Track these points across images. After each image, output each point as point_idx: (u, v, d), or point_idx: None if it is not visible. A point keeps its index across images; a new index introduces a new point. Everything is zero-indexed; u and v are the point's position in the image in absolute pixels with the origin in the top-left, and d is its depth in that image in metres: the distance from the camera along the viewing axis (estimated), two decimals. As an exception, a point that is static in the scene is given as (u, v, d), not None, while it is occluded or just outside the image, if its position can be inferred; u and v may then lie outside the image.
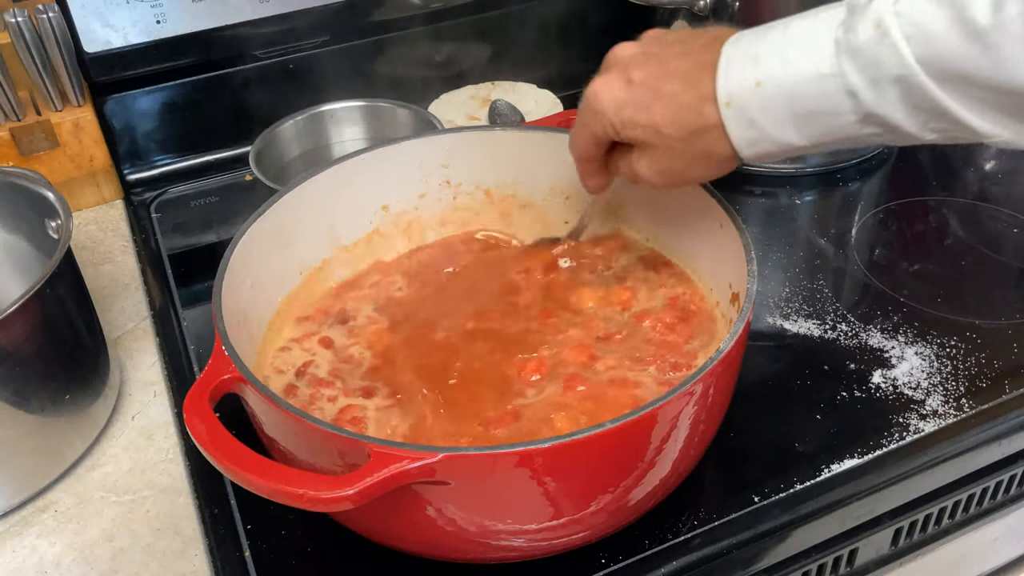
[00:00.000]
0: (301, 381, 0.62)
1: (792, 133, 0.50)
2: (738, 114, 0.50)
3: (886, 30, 0.45)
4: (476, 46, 1.05)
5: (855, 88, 0.47)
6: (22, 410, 0.62)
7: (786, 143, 0.50)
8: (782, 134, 0.50)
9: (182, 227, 0.91)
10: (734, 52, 0.51)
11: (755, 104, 0.49)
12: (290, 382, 0.62)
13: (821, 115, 0.49)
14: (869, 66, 0.46)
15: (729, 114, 0.50)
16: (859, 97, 0.47)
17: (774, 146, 0.51)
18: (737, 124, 0.50)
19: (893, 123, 0.47)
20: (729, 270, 0.61)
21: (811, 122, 0.49)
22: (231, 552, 0.58)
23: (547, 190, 0.75)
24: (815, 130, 0.49)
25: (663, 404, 0.48)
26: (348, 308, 0.69)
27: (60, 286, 0.64)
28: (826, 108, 0.48)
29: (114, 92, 0.92)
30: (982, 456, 0.66)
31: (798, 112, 0.49)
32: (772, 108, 0.49)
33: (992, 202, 0.88)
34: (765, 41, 0.50)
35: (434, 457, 0.45)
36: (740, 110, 0.50)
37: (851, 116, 0.48)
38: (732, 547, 0.58)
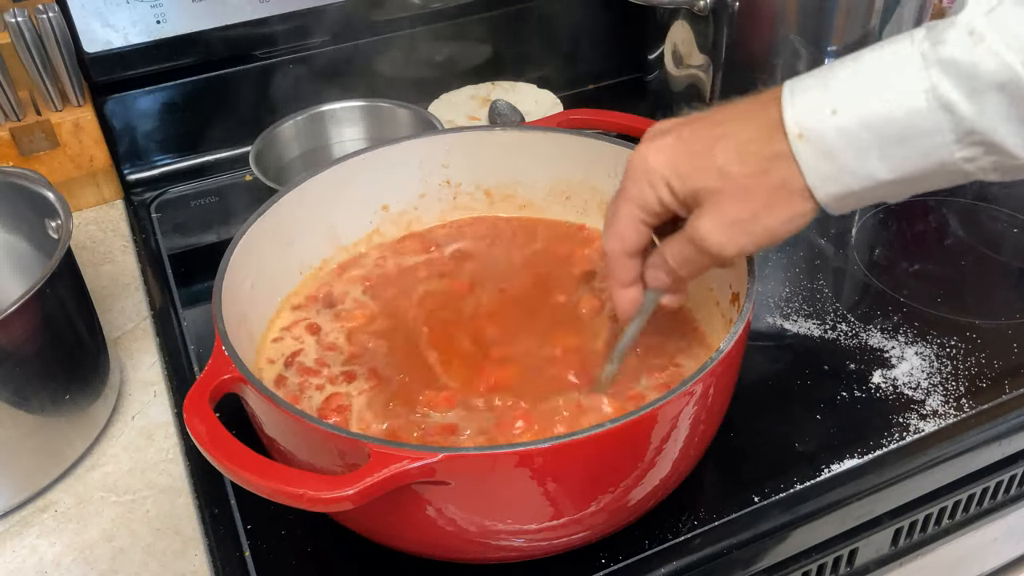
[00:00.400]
0: (290, 371, 0.63)
1: (877, 165, 0.44)
2: (813, 146, 0.44)
3: (981, 36, 0.41)
4: (476, 46, 1.05)
5: (951, 101, 0.42)
6: (22, 410, 0.62)
7: (869, 176, 0.45)
8: (865, 166, 0.44)
9: (182, 227, 0.91)
10: (799, 87, 0.46)
11: (832, 133, 0.44)
12: (279, 373, 0.62)
13: (913, 138, 0.43)
14: (966, 76, 0.41)
15: (803, 148, 0.45)
16: (957, 111, 0.42)
17: (856, 181, 0.45)
18: (812, 158, 0.45)
19: (995, 141, 0.42)
20: (729, 270, 0.61)
21: (900, 148, 0.44)
22: (231, 552, 0.58)
23: (547, 190, 0.75)
24: (905, 158, 0.44)
25: (663, 404, 0.48)
26: (336, 292, 0.69)
27: (60, 286, 0.64)
28: (919, 129, 0.43)
29: (114, 92, 0.92)
30: (982, 456, 0.66)
31: (885, 137, 0.43)
32: (852, 136, 0.44)
33: (992, 202, 0.88)
34: (835, 72, 0.45)
35: (434, 457, 0.45)
36: (815, 142, 0.44)
37: (948, 135, 0.43)
38: (732, 547, 0.58)
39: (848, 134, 0.44)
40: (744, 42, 0.86)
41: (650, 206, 0.50)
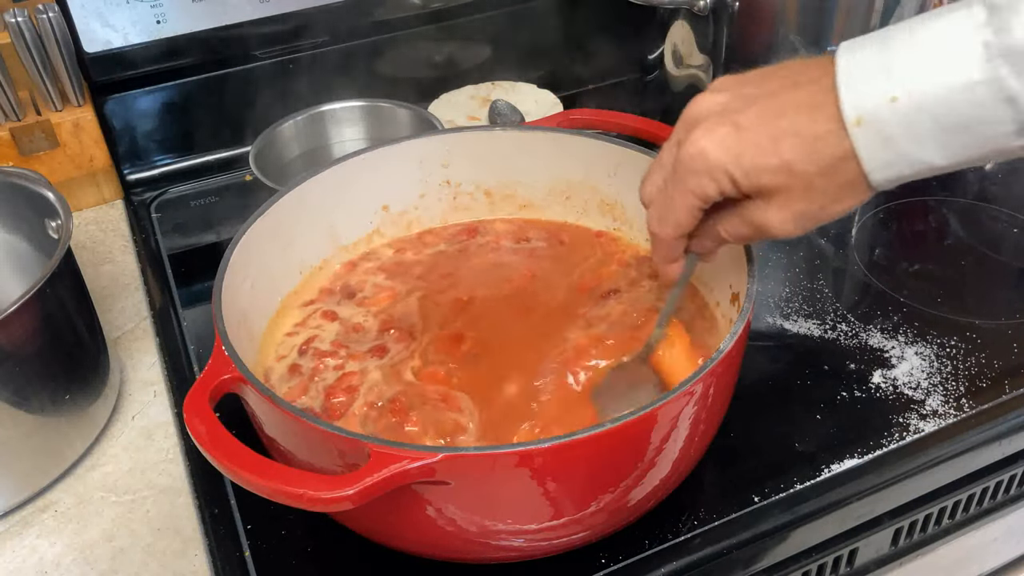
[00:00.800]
0: (304, 358, 0.63)
1: (933, 151, 0.44)
2: (871, 133, 0.44)
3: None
4: (476, 46, 1.05)
5: (1015, 94, 0.42)
6: (22, 410, 0.62)
7: (924, 163, 0.45)
8: (922, 152, 0.45)
9: (182, 227, 0.91)
10: (854, 66, 0.45)
11: (893, 121, 0.44)
12: (293, 362, 0.63)
13: (972, 128, 0.43)
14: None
15: (860, 133, 0.45)
16: (1020, 103, 0.42)
17: (910, 167, 0.45)
18: (870, 144, 0.45)
19: None
20: (729, 270, 0.61)
21: (959, 137, 0.44)
22: (231, 552, 0.58)
23: (547, 190, 0.75)
24: (962, 146, 0.44)
25: (663, 404, 0.48)
26: (353, 283, 0.70)
27: (60, 286, 0.64)
28: (979, 119, 0.43)
29: (114, 92, 0.92)
30: (982, 456, 0.66)
31: (945, 126, 0.43)
32: (913, 124, 0.44)
33: (992, 202, 0.88)
34: (892, 50, 0.44)
35: (434, 457, 0.45)
36: (874, 129, 0.44)
37: (1009, 126, 0.43)
38: (732, 547, 0.58)
39: (907, 121, 0.44)
40: (744, 42, 0.86)
41: (710, 198, 0.50)
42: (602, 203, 0.73)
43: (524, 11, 1.04)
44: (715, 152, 0.48)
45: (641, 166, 0.68)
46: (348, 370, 0.62)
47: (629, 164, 0.69)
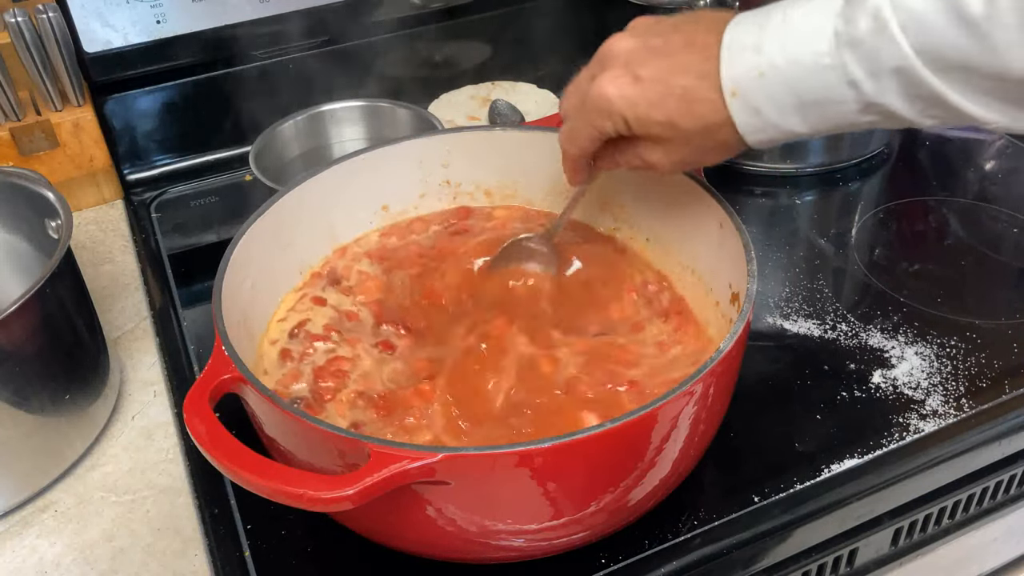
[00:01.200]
0: (294, 341, 0.64)
1: (796, 121, 0.51)
2: (743, 103, 0.51)
3: (884, 22, 0.46)
4: (476, 46, 1.05)
5: (856, 79, 0.48)
6: (22, 410, 0.62)
7: (789, 130, 0.51)
8: (786, 122, 0.51)
9: (182, 227, 0.91)
10: (735, 40, 0.51)
11: (760, 94, 0.50)
12: (283, 347, 0.63)
13: (823, 104, 0.50)
14: (868, 58, 0.47)
15: (735, 103, 0.51)
16: (860, 88, 0.48)
17: (778, 133, 0.52)
18: (742, 112, 0.51)
19: (892, 111, 0.48)
20: (729, 270, 0.61)
21: (814, 111, 0.50)
22: (231, 552, 0.58)
23: (547, 190, 0.75)
24: (818, 118, 0.50)
25: (663, 404, 0.48)
26: (339, 268, 0.70)
27: (60, 286, 0.64)
28: (828, 98, 0.49)
29: (114, 92, 0.92)
30: (982, 456, 0.66)
31: (803, 101, 0.50)
32: (776, 98, 0.50)
33: (992, 202, 0.88)
34: (766, 30, 0.50)
35: (434, 457, 0.45)
36: (745, 99, 0.51)
37: (852, 105, 0.49)
38: (732, 547, 0.58)
39: (771, 96, 0.50)
40: (744, 42, 0.86)
41: (607, 134, 0.57)
42: (602, 203, 0.73)
43: (524, 11, 1.04)
44: (615, 99, 0.55)
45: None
46: (339, 354, 0.63)
47: (629, 164, 0.69)
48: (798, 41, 0.49)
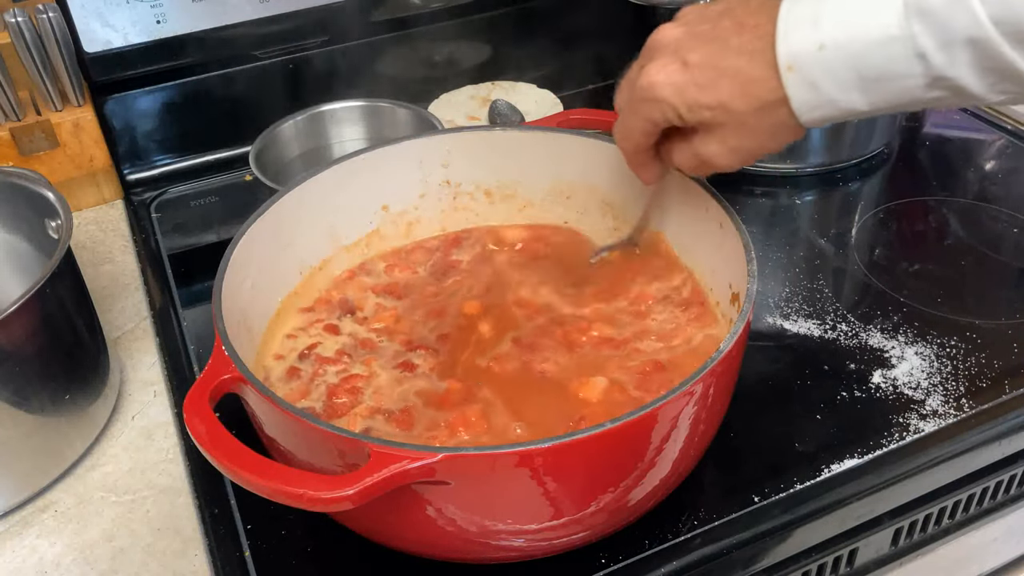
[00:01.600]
0: (304, 362, 0.63)
1: (856, 97, 0.48)
2: (800, 78, 0.49)
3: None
4: (476, 46, 1.05)
5: (925, 51, 0.45)
6: (22, 410, 0.62)
7: (849, 108, 0.49)
8: (845, 98, 0.49)
9: (182, 227, 0.91)
10: (792, 16, 0.49)
11: (818, 68, 0.48)
12: (292, 365, 0.63)
13: (888, 79, 0.47)
14: (940, 27, 0.45)
15: (791, 78, 0.49)
16: (929, 60, 0.46)
17: (836, 110, 0.50)
18: (799, 88, 0.49)
19: (961, 86, 0.46)
20: (729, 270, 0.61)
21: (876, 86, 0.48)
22: (231, 552, 0.58)
23: (547, 190, 0.75)
24: (880, 94, 0.48)
25: (663, 404, 0.48)
26: (351, 298, 0.70)
27: (60, 286, 0.64)
28: (893, 72, 0.47)
29: (114, 92, 0.92)
30: (982, 456, 0.66)
31: (864, 76, 0.47)
32: (836, 72, 0.48)
33: (992, 202, 0.88)
34: (824, 3, 0.48)
35: (434, 457, 0.45)
36: (802, 74, 0.48)
37: (920, 79, 0.47)
38: (732, 547, 0.58)
39: (831, 69, 0.48)
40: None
41: (658, 124, 0.56)
42: (602, 203, 0.73)
43: (524, 11, 1.04)
44: (663, 86, 0.53)
45: (641, 166, 0.68)
46: (353, 372, 0.62)
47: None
48: (862, 12, 0.47)
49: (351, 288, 0.71)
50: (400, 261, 0.73)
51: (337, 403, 0.60)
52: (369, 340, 0.66)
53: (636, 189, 0.70)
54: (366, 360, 0.64)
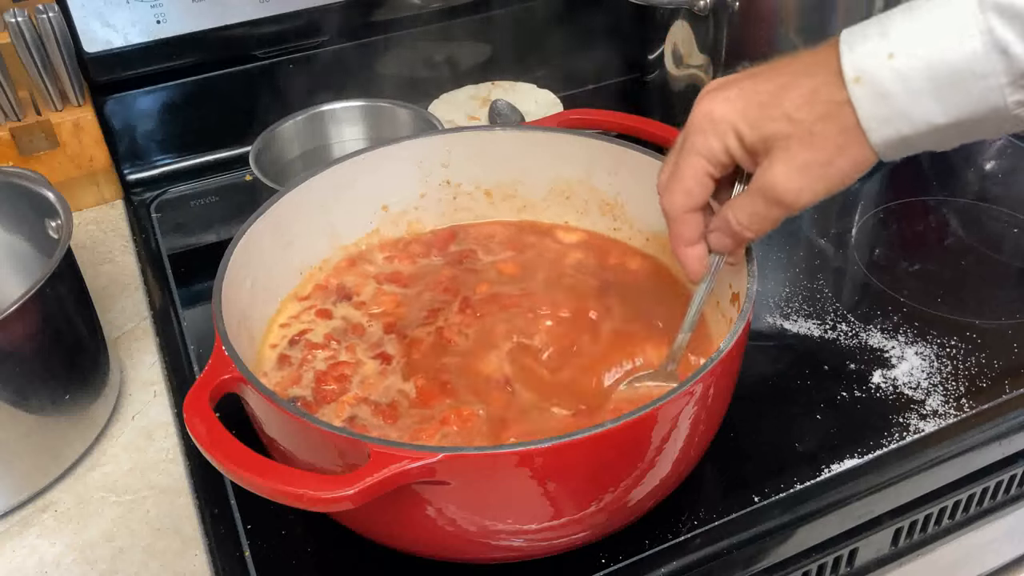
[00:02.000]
0: (294, 349, 0.64)
1: (931, 107, 0.45)
2: (869, 89, 0.45)
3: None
4: (476, 46, 1.05)
5: (1007, 43, 0.42)
6: (22, 410, 0.62)
7: (924, 120, 0.45)
8: (919, 108, 0.45)
9: (182, 227, 0.91)
10: (857, 30, 0.47)
11: (889, 77, 0.45)
12: (282, 352, 0.64)
13: (967, 80, 0.44)
14: (1021, 17, 0.42)
15: (858, 90, 0.45)
16: (1011, 52, 0.43)
17: (909, 125, 0.45)
18: (867, 100, 0.45)
19: None
20: (729, 270, 0.61)
21: (954, 91, 0.44)
22: (231, 552, 0.58)
23: (547, 190, 0.75)
24: (959, 101, 0.44)
25: (663, 404, 0.48)
26: (348, 284, 0.70)
27: (60, 286, 0.64)
28: (973, 71, 0.43)
29: (114, 92, 0.92)
30: (982, 456, 0.66)
31: (939, 78, 0.44)
32: (908, 78, 0.44)
33: (992, 202, 0.88)
34: (890, 18, 0.46)
35: (434, 457, 0.45)
36: (872, 84, 0.45)
37: (1002, 78, 0.43)
38: (732, 547, 0.58)
39: (903, 76, 0.45)
40: (744, 42, 0.86)
41: (717, 157, 0.50)
42: (602, 203, 0.73)
43: (524, 11, 1.04)
44: (720, 109, 0.49)
45: (641, 166, 0.68)
46: (341, 359, 0.63)
47: (629, 164, 0.69)
48: (932, 18, 0.44)
49: (351, 275, 0.71)
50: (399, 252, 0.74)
51: (326, 390, 0.60)
52: (360, 325, 0.66)
53: (635, 189, 0.70)
54: (352, 348, 0.64)
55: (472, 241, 0.74)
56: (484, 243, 0.74)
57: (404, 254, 0.73)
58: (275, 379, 0.62)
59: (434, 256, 0.73)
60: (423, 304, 0.68)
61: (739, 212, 0.52)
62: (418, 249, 0.74)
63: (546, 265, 0.71)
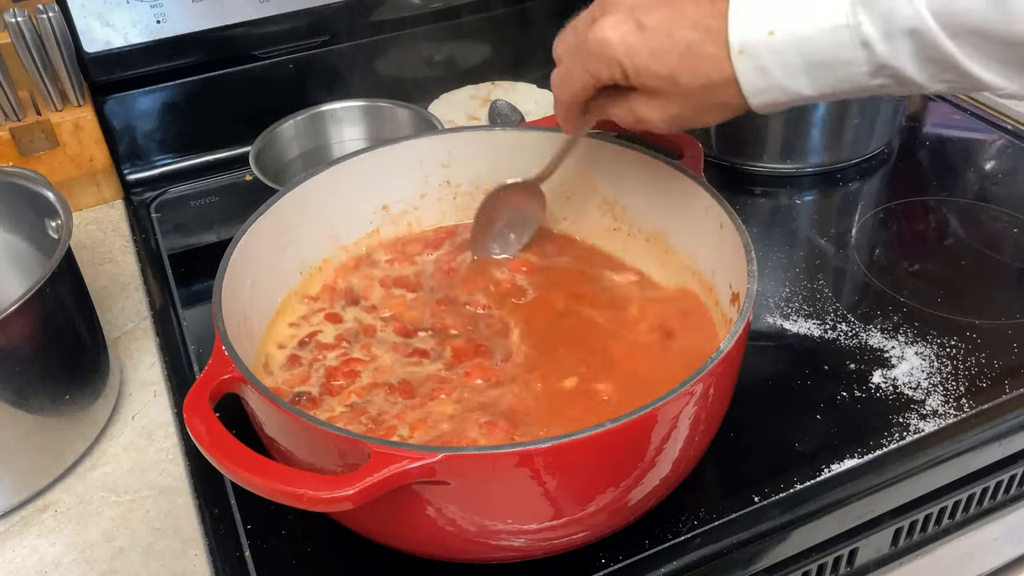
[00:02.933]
0: (304, 350, 0.64)
1: (804, 83, 0.49)
2: (750, 62, 0.49)
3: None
4: (476, 46, 1.05)
5: (869, 39, 0.47)
6: (22, 410, 0.62)
7: (796, 92, 0.50)
8: (793, 84, 0.50)
9: (182, 227, 0.91)
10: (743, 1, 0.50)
11: (767, 53, 0.49)
12: (292, 353, 0.64)
13: (834, 66, 0.48)
14: (884, 18, 0.46)
15: (741, 62, 0.49)
16: (873, 48, 0.47)
17: (784, 95, 0.50)
18: (749, 72, 0.50)
19: (903, 75, 0.48)
20: (729, 270, 0.61)
21: (823, 72, 0.49)
22: (231, 552, 0.58)
23: (547, 190, 0.74)
24: (826, 81, 0.49)
25: (663, 404, 0.48)
26: (356, 287, 0.70)
27: (60, 286, 0.64)
28: (839, 59, 0.48)
29: (114, 92, 0.92)
30: (982, 456, 0.66)
31: (811, 62, 0.48)
32: (785, 58, 0.49)
33: (992, 202, 0.88)
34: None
35: (434, 457, 0.45)
36: (752, 58, 0.49)
37: (863, 67, 0.48)
38: (732, 547, 0.58)
39: (780, 57, 0.49)
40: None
41: (603, 81, 0.55)
42: (602, 203, 0.73)
43: (524, 11, 1.04)
44: (615, 45, 0.53)
45: (641, 166, 0.68)
46: (354, 356, 0.64)
47: (629, 164, 0.69)
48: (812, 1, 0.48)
49: (357, 276, 0.71)
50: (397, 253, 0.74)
51: (334, 385, 0.61)
52: (371, 327, 0.67)
53: (635, 189, 0.70)
54: (365, 346, 0.65)
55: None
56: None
57: (403, 256, 0.74)
58: (282, 378, 0.62)
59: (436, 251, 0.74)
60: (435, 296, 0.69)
61: (614, 113, 0.58)
62: (417, 249, 0.74)
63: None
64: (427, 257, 0.73)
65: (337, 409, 0.59)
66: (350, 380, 0.62)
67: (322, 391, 0.61)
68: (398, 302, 0.69)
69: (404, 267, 0.73)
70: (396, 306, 0.69)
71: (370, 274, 0.72)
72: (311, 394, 0.61)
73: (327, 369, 0.62)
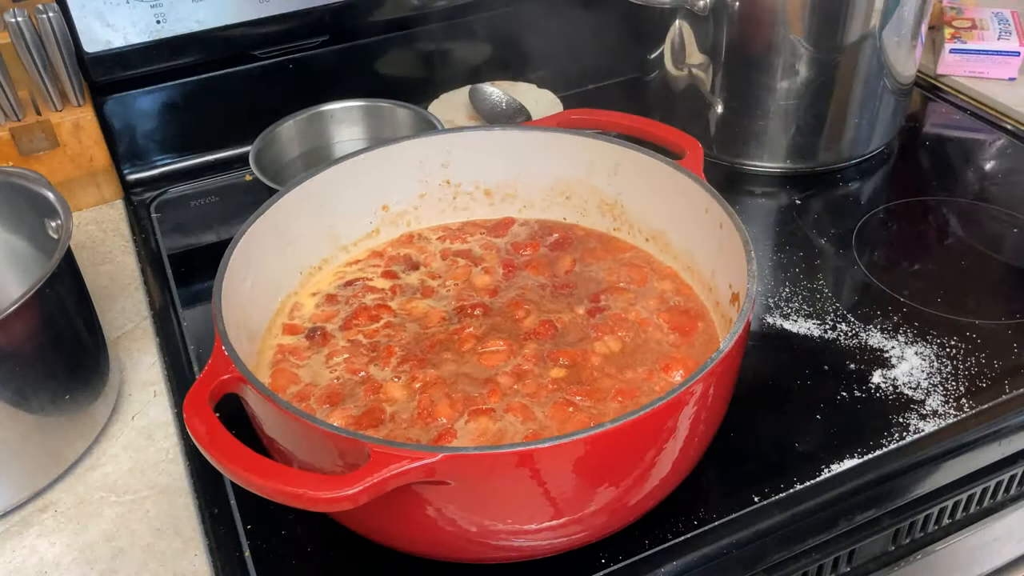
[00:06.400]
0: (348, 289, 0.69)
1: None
2: None
3: None
4: (476, 46, 1.05)
5: None
6: (22, 410, 0.62)
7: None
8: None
9: (182, 227, 0.91)
10: None
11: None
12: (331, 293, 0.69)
13: None
14: None
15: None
16: None
17: None
18: None
19: None
20: (729, 270, 0.61)
21: None
22: (231, 552, 0.58)
23: (547, 190, 0.75)
24: None
25: (663, 404, 0.48)
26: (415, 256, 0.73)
27: (60, 286, 0.64)
28: None
29: (114, 92, 0.92)
30: (982, 456, 0.66)
31: None
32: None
33: (992, 202, 0.88)
34: None
35: (434, 457, 0.45)
36: None
37: None
38: (732, 547, 0.58)
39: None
40: (744, 42, 0.86)
41: None
42: (602, 203, 0.73)
43: (524, 11, 1.04)
44: None
45: (641, 166, 0.68)
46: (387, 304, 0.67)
47: (629, 164, 0.69)
48: None
49: (411, 248, 0.74)
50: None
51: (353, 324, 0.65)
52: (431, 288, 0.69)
53: (635, 189, 0.70)
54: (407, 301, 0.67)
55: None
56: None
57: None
58: (310, 313, 0.67)
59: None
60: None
61: None
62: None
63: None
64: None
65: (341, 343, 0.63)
66: (370, 322, 0.64)
67: (343, 326, 0.64)
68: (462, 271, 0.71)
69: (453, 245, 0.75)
70: (458, 275, 0.70)
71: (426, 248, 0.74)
72: (325, 329, 0.64)
73: (356, 308, 0.66)
